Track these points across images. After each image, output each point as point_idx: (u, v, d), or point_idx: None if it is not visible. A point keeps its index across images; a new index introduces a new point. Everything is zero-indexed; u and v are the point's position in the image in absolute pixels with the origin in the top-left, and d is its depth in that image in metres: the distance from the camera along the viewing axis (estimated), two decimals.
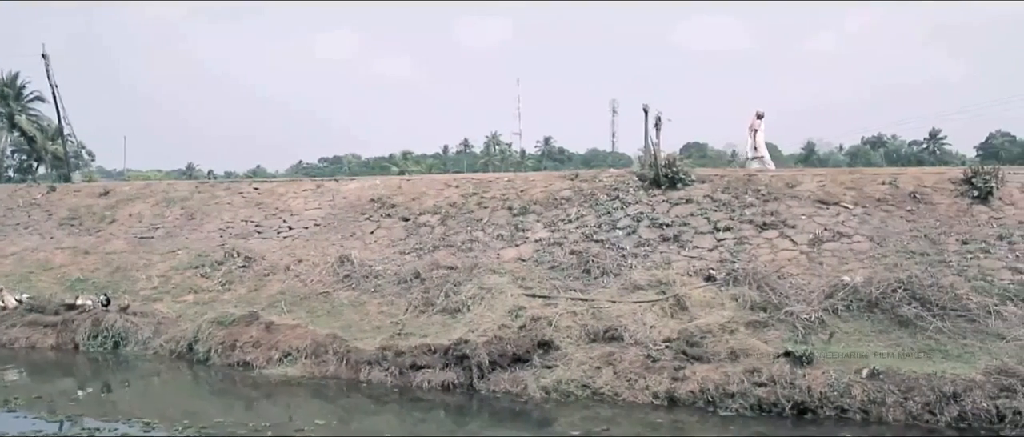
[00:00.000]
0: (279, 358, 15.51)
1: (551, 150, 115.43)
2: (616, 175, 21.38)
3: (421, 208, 21.24)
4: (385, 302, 17.36)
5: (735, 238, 17.46)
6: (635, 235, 18.14)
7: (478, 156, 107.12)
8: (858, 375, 12.34)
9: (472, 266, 17.73)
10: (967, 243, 16.18)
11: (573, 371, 13.61)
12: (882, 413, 11.82)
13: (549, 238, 18.69)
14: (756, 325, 14.40)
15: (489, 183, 22.02)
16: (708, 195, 18.99)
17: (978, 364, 12.42)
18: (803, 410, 12.12)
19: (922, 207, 17.54)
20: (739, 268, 16.04)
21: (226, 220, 23.31)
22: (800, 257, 16.61)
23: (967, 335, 13.46)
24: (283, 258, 20.12)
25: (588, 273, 16.98)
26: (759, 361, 13.01)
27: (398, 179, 25.68)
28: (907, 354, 13.12)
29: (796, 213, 17.91)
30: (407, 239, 20.09)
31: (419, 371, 14.33)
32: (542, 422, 12.57)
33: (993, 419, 11.40)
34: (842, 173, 20.42)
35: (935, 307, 14.01)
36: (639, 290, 16.01)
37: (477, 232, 19.55)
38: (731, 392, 12.53)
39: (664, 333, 14.30)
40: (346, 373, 14.82)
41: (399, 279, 18.00)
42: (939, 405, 11.68)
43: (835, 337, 13.84)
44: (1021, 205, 17.16)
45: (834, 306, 14.58)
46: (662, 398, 12.86)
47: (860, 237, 16.91)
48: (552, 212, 19.64)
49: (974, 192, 17.56)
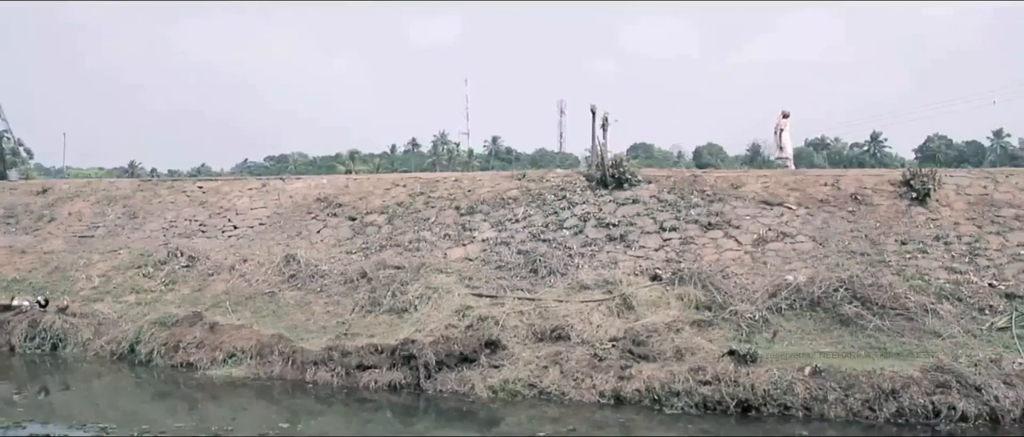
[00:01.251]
0: (223, 359, 15.31)
1: (499, 150, 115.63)
2: (563, 175, 21.45)
3: (368, 207, 21.11)
4: (331, 302, 17.22)
5: (681, 238, 17.61)
6: (582, 235, 18.21)
7: (426, 156, 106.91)
8: (801, 373, 12.54)
9: (419, 266, 17.66)
10: (905, 243, 16.53)
11: (520, 370, 13.63)
12: (824, 410, 12.02)
13: (496, 238, 18.69)
14: (701, 324, 14.55)
15: (436, 183, 21.96)
16: (654, 195, 19.13)
17: (915, 361, 12.72)
18: (747, 408, 12.28)
19: (863, 208, 17.87)
20: (685, 268, 16.20)
21: (169, 219, 22.94)
22: (744, 257, 16.81)
23: (905, 333, 13.75)
24: (228, 258, 19.86)
25: (535, 273, 17.02)
26: (704, 360, 13.16)
27: (345, 178, 25.43)
28: (848, 352, 13.39)
29: (741, 213, 18.13)
30: (354, 239, 19.95)
31: (366, 371, 14.24)
32: (489, 422, 12.56)
33: (929, 414, 11.70)
34: (786, 174, 20.71)
35: (875, 306, 14.30)
36: (586, 290, 16.08)
37: (424, 232, 19.48)
38: (677, 390, 12.64)
39: (610, 332, 14.39)
40: (292, 374, 14.67)
41: (346, 279, 17.86)
42: (878, 401, 11.94)
43: (778, 336, 14.05)
44: (957, 207, 17.57)
45: (777, 305, 14.80)
46: (608, 397, 12.93)
47: (803, 237, 17.17)
48: (499, 212, 19.64)
49: (912, 194, 17.94)
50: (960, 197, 17.90)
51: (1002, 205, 17.47)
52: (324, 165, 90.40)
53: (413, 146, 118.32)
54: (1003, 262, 15.81)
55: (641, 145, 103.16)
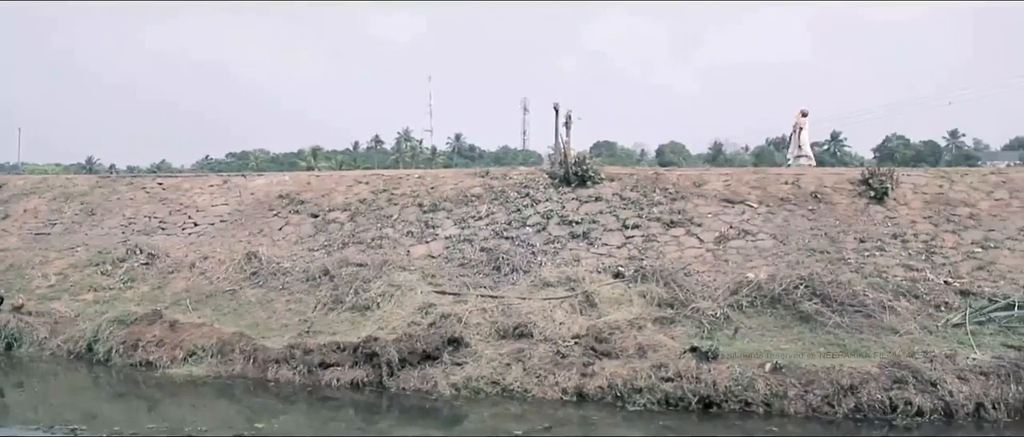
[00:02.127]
0: (184, 357, 15.12)
1: (462, 147, 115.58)
2: (526, 173, 21.48)
3: (330, 204, 20.99)
4: (293, 300, 17.09)
5: (643, 236, 17.71)
6: (545, 232, 18.25)
7: (389, 153, 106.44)
8: (761, 369, 12.66)
9: (382, 263, 17.58)
10: (864, 241, 16.76)
11: (483, 368, 13.61)
12: (784, 406, 12.14)
13: (459, 235, 18.67)
14: (663, 321, 14.63)
15: (399, 180, 21.90)
16: (617, 193, 19.22)
17: (873, 357, 12.90)
18: (709, 404, 12.36)
19: (823, 206, 18.09)
20: (647, 265, 16.29)
21: (128, 216, 22.65)
22: (706, 255, 16.94)
23: (863, 330, 13.92)
24: (188, 255, 19.64)
25: (498, 270, 17.02)
26: (666, 356, 13.23)
27: (307, 175, 25.29)
28: (808, 349, 13.53)
29: (703, 211, 18.27)
30: (316, 236, 19.84)
31: (328, 369, 14.14)
32: (452, 419, 12.55)
33: (887, 410, 11.86)
34: (747, 173, 20.90)
35: (834, 303, 14.46)
36: (549, 287, 16.11)
37: (387, 229, 19.42)
38: (639, 387, 12.69)
39: (573, 329, 14.41)
40: (253, 372, 14.53)
41: (308, 276, 17.74)
42: (837, 397, 12.07)
43: (740, 333, 14.16)
44: (914, 205, 17.86)
45: (739, 302, 14.92)
46: (571, 394, 12.96)
47: (764, 235, 17.34)
48: (462, 209, 19.63)
49: (871, 192, 18.21)
50: (917, 196, 18.18)
51: (957, 204, 17.78)
52: (286, 162, 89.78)
53: (376, 143, 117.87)
54: (958, 260, 16.09)
55: (604, 143, 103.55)
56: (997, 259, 16.02)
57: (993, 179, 18.91)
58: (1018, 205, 17.69)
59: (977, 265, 15.88)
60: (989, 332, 13.81)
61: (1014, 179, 18.84)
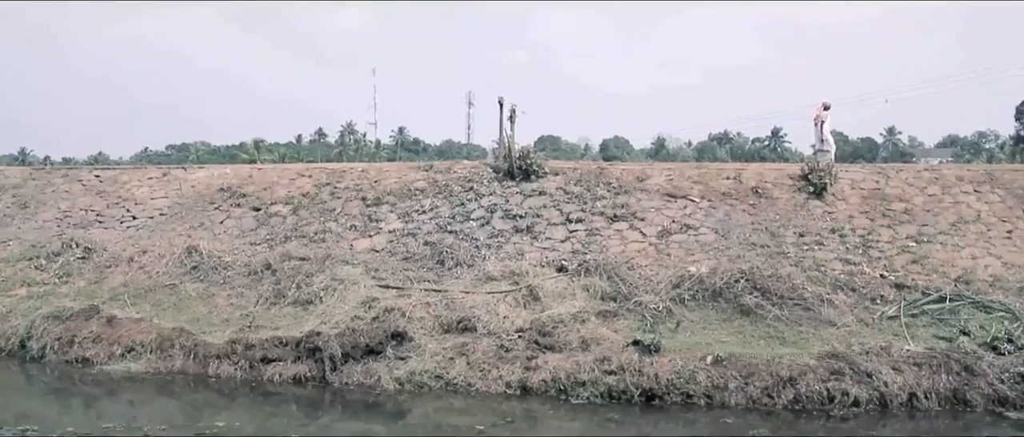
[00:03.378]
0: (122, 353, 14.85)
1: (406, 140, 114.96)
2: (471, 166, 21.42)
3: (273, 198, 20.74)
4: (235, 294, 16.85)
5: (587, 230, 17.79)
6: (489, 226, 18.24)
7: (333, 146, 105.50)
8: (703, 362, 12.82)
9: (325, 257, 17.42)
10: (803, 236, 17.04)
11: (426, 362, 13.59)
12: (725, 398, 12.32)
13: (403, 229, 18.58)
14: (606, 315, 14.72)
15: (343, 173, 21.71)
16: (561, 187, 19.28)
17: (812, 349, 13.17)
18: (651, 397, 12.50)
19: (763, 201, 18.34)
20: (590, 259, 16.36)
21: (64, 209, 22.13)
22: (649, 248, 17.07)
23: (802, 322, 14.16)
24: (126, 249, 19.24)
25: (442, 264, 16.98)
26: (609, 350, 13.33)
27: (249, 168, 24.91)
28: (748, 341, 13.74)
29: (645, 206, 18.41)
30: (258, 229, 19.59)
31: (270, 364, 14.02)
32: (395, 414, 12.49)
33: (824, 400, 12.14)
34: (690, 167, 21.09)
35: (774, 296, 14.69)
36: (492, 281, 16.11)
37: (330, 223, 19.24)
38: (582, 381, 12.78)
39: (517, 323, 14.45)
40: (193, 368, 14.34)
41: (249, 270, 17.50)
42: (777, 389, 12.31)
43: (681, 326, 14.31)
44: (851, 200, 18.20)
45: (681, 296, 15.07)
46: (515, 387, 13.00)
47: (706, 229, 17.53)
48: (406, 203, 19.53)
49: (810, 188, 18.52)
50: (854, 191, 18.54)
51: (893, 199, 18.17)
52: (228, 154, 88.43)
53: (320, 136, 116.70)
54: (893, 254, 16.45)
55: (549, 137, 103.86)
56: (930, 253, 16.41)
57: (927, 175, 19.37)
58: (950, 201, 18.14)
59: (911, 259, 16.25)
60: (922, 324, 14.18)
61: (946, 175, 19.32)
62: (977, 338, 13.49)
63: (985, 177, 19.12)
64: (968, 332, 13.70)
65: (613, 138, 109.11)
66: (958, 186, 18.66)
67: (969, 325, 13.92)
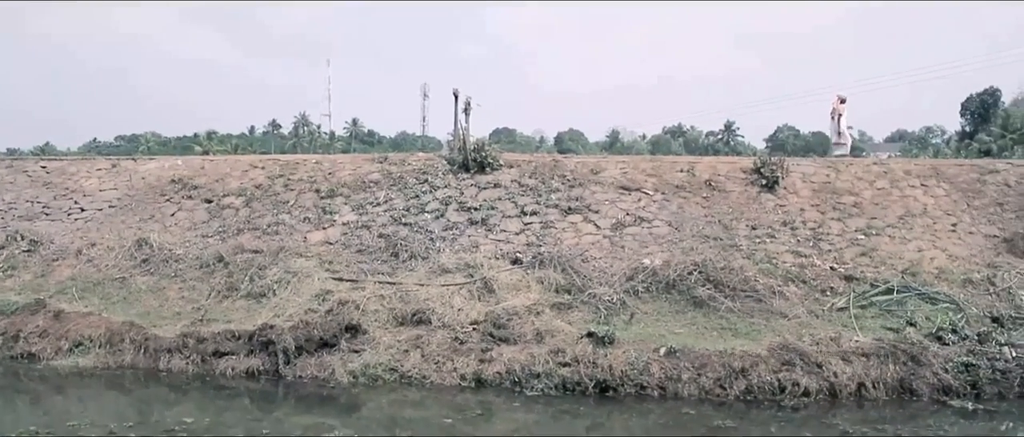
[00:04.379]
0: (69, 348, 14.56)
1: (360, 132, 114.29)
2: (425, 159, 21.36)
3: (225, 190, 20.49)
4: (186, 287, 16.65)
5: (541, 222, 17.82)
6: (443, 219, 18.20)
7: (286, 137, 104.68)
8: (656, 354, 12.93)
9: (278, 250, 17.27)
10: (755, 228, 17.24)
11: (381, 355, 13.55)
12: (678, 389, 12.43)
13: (357, 221, 18.47)
14: (561, 307, 14.78)
15: (296, 165, 21.52)
16: (516, 180, 19.29)
17: (763, 341, 13.35)
18: (605, 388, 12.57)
19: (716, 194, 18.51)
20: (545, 251, 16.41)
21: (8, 201, 21.66)
22: (603, 241, 17.15)
23: (754, 314, 14.34)
24: (74, 241, 18.90)
25: (396, 256, 16.91)
26: (563, 342, 13.38)
27: (201, 159, 24.57)
28: (701, 333, 13.88)
29: (600, 198, 18.49)
30: (210, 222, 19.34)
31: (222, 358, 13.86)
32: (350, 407, 12.42)
33: (776, 391, 12.32)
34: (644, 160, 21.22)
35: (727, 288, 14.85)
36: (447, 273, 16.09)
37: (283, 215, 19.06)
38: (537, 373, 12.81)
39: (471, 316, 14.45)
40: (144, 362, 14.12)
41: (201, 263, 17.29)
42: (729, 380, 12.45)
43: (635, 318, 14.41)
44: (802, 194, 18.45)
45: (635, 288, 15.17)
46: (470, 380, 13.00)
47: (660, 222, 17.65)
48: (360, 195, 19.41)
49: (762, 181, 18.73)
50: (806, 185, 18.78)
51: (843, 193, 18.44)
52: (179, 145, 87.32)
53: (273, 127, 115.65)
54: (843, 246, 16.70)
55: (504, 130, 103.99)
56: (879, 246, 16.69)
57: (876, 169, 19.68)
58: (898, 195, 18.46)
59: (860, 251, 16.51)
60: (871, 315, 14.43)
61: (894, 169, 19.64)
62: (923, 329, 13.80)
63: (931, 172, 19.48)
64: (914, 323, 13.99)
65: (568, 131, 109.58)
66: (906, 180, 18.99)
67: (915, 316, 14.21)
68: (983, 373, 12.71)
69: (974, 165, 20.28)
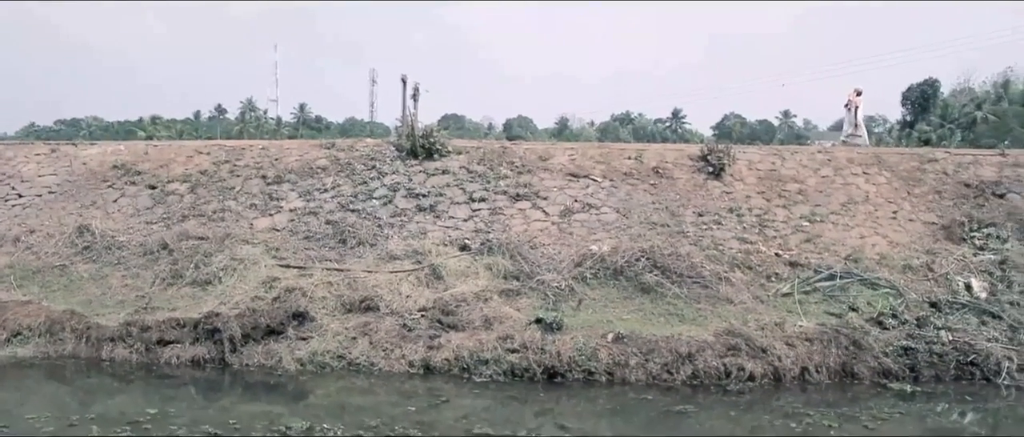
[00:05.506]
0: (7, 338, 14.20)
1: (308, 118, 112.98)
2: (374, 145, 21.21)
3: (169, 176, 20.15)
4: (130, 275, 16.36)
5: (490, 209, 17.82)
6: (392, 205, 18.11)
7: (233, 123, 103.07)
8: (604, 339, 13.03)
9: (224, 236, 17.06)
10: (702, 215, 17.41)
11: (328, 342, 13.47)
12: (625, 374, 12.54)
13: (304, 207, 18.30)
14: (509, 293, 14.81)
15: (242, 150, 21.24)
16: (464, 166, 19.25)
17: (710, 326, 13.54)
18: (553, 374, 12.64)
19: (664, 181, 18.66)
20: (493, 238, 16.42)
21: None
22: (551, 227, 17.21)
23: (701, 300, 14.51)
24: (12, 228, 18.45)
25: (344, 243, 16.80)
26: (512, 328, 13.43)
27: (144, 144, 24.11)
28: (648, 319, 14.02)
29: (548, 185, 18.53)
30: (154, 208, 19.01)
31: (167, 346, 13.65)
32: (297, 394, 12.32)
33: (721, 375, 12.52)
34: (592, 147, 21.31)
35: (674, 274, 15.00)
36: (395, 260, 16.03)
37: (229, 201, 18.81)
38: (485, 359, 12.84)
39: (420, 302, 14.43)
40: (86, 351, 13.86)
41: (145, 250, 17.00)
42: (676, 365, 12.60)
43: (583, 304, 14.48)
44: (748, 181, 18.67)
45: (583, 274, 15.25)
46: (418, 366, 12.98)
47: (607, 209, 17.75)
48: (307, 181, 19.23)
49: (709, 168, 18.92)
50: (752, 172, 19.01)
51: (788, 180, 18.70)
52: (122, 130, 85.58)
53: (219, 112, 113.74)
54: (788, 233, 16.95)
55: (453, 116, 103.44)
56: (822, 232, 16.97)
57: (820, 157, 19.98)
58: (841, 182, 18.77)
59: (805, 238, 16.77)
60: (814, 301, 14.69)
61: (838, 157, 19.95)
62: (864, 314, 14.13)
63: (874, 160, 19.83)
64: (856, 308, 14.30)
65: (517, 118, 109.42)
66: (849, 168, 19.31)
67: (857, 301, 14.52)
68: (921, 357, 13.09)
69: (914, 154, 20.69)
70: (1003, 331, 13.84)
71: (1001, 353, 13.17)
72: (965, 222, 17.22)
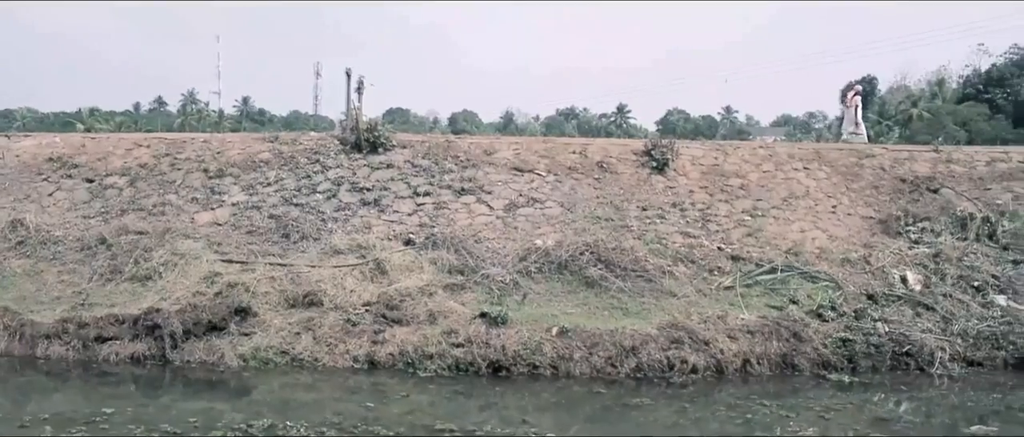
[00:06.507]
0: None
1: (251, 111, 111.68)
2: (318, 138, 21.01)
3: (108, 169, 19.73)
4: (66, 270, 16.00)
5: (434, 203, 17.77)
6: (335, 199, 17.96)
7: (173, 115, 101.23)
8: (549, 333, 13.08)
9: (164, 231, 16.76)
10: (646, 209, 17.55)
11: (272, 338, 13.33)
12: (570, 368, 12.61)
13: (247, 202, 18.07)
14: (454, 288, 14.79)
15: (183, 143, 20.88)
16: (409, 160, 19.16)
17: (653, 320, 13.67)
18: (498, 368, 12.67)
19: (608, 176, 18.76)
20: (438, 232, 16.37)
21: None
22: (496, 222, 17.21)
23: (645, 294, 14.64)
24: None
25: (287, 238, 16.63)
26: (457, 323, 13.41)
27: (81, 137, 23.57)
28: (593, 312, 14.11)
29: (493, 179, 18.52)
30: (91, 202, 18.62)
31: (105, 344, 13.39)
32: (240, 390, 12.18)
33: (665, 368, 12.66)
34: (537, 142, 21.36)
35: (618, 268, 15.11)
36: (339, 254, 15.90)
37: (170, 195, 18.50)
38: (430, 353, 12.82)
39: (364, 297, 14.34)
40: (20, 349, 13.56)
41: (82, 245, 16.65)
42: (620, 358, 12.70)
43: (528, 298, 14.52)
44: (692, 176, 18.86)
45: (527, 269, 15.28)
46: (362, 361, 12.93)
47: (552, 203, 17.80)
48: (250, 175, 18.98)
49: (653, 163, 19.07)
50: (695, 167, 19.20)
51: (730, 175, 18.93)
52: (58, 122, 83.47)
53: (159, 105, 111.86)
54: (730, 227, 17.18)
55: (398, 110, 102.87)
56: (764, 226, 17.23)
57: (761, 152, 20.26)
58: (782, 177, 19.06)
59: (746, 232, 17.01)
60: (756, 294, 14.91)
61: (779, 153, 20.26)
62: (804, 306, 14.38)
63: (813, 155, 20.17)
64: (796, 301, 14.54)
65: (462, 112, 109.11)
66: (790, 163, 19.61)
67: (797, 294, 14.77)
68: (859, 348, 13.40)
69: (853, 150, 21.10)
70: (936, 322, 14.23)
71: (934, 344, 13.55)
72: (901, 216, 17.63)
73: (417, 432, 10.21)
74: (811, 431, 10.32)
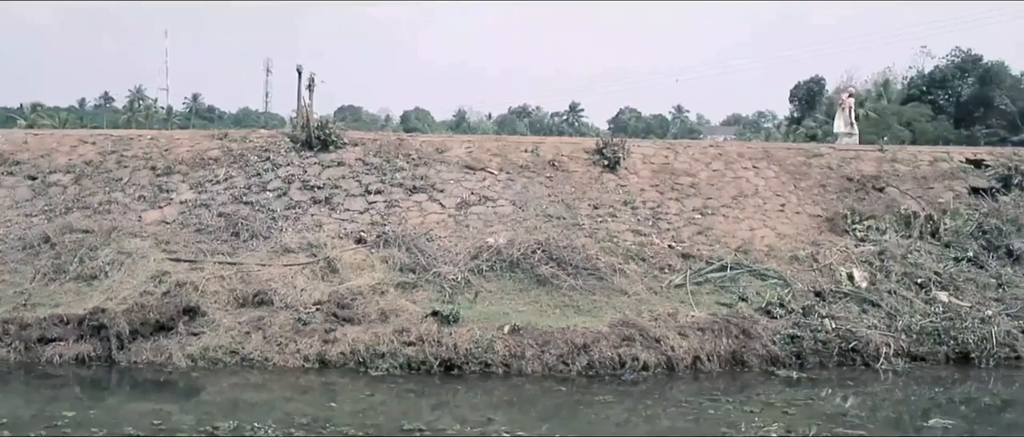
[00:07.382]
0: None
1: (200, 108, 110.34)
2: (268, 136, 20.82)
3: (51, 166, 19.35)
4: (8, 270, 15.63)
5: (386, 201, 17.70)
6: (286, 197, 17.81)
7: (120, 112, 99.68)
8: (500, 331, 13.10)
9: (110, 229, 16.47)
10: (598, 208, 17.65)
11: (221, 337, 13.17)
12: (522, 366, 12.64)
13: (196, 200, 17.84)
14: (405, 286, 14.74)
15: (130, 140, 20.54)
16: (360, 158, 19.06)
17: (605, 317, 13.76)
18: (450, 367, 12.66)
19: (560, 174, 18.84)
20: (389, 231, 16.31)
21: None
22: (448, 220, 17.19)
23: (596, 291, 14.71)
24: None
25: (237, 236, 16.44)
26: (408, 321, 13.37)
27: (23, 133, 23.12)
28: (544, 310, 14.16)
29: (445, 178, 18.50)
30: (34, 200, 18.25)
31: (49, 345, 13.10)
32: (188, 391, 12.02)
33: (616, 365, 12.75)
34: (489, 140, 21.36)
35: (569, 266, 15.17)
36: (290, 253, 15.76)
37: (116, 193, 18.19)
38: (381, 352, 12.77)
39: (315, 296, 14.23)
40: None
41: (24, 244, 16.29)
42: (572, 356, 12.76)
43: (480, 296, 14.52)
44: (643, 174, 19.01)
45: (479, 267, 15.28)
46: (313, 361, 12.83)
47: (504, 201, 17.82)
48: (199, 172, 18.74)
49: (604, 161, 19.19)
50: (646, 165, 19.36)
51: (681, 173, 19.11)
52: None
53: (106, 101, 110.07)
54: (680, 225, 17.34)
55: (349, 108, 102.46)
56: (714, 225, 17.42)
57: (712, 151, 20.49)
58: (731, 176, 19.29)
59: (697, 230, 17.19)
60: (706, 291, 15.08)
61: (729, 152, 20.50)
62: (754, 303, 14.57)
63: (763, 154, 20.43)
64: (746, 298, 14.72)
65: (414, 110, 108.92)
66: (739, 162, 19.85)
67: (747, 292, 14.95)
68: (807, 344, 13.61)
69: (801, 149, 21.43)
70: (882, 319, 14.51)
71: (880, 340, 13.84)
72: (847, 215, 17.93)
73: (381, 432, 10.12)
74: (775, 427, 10.39)
